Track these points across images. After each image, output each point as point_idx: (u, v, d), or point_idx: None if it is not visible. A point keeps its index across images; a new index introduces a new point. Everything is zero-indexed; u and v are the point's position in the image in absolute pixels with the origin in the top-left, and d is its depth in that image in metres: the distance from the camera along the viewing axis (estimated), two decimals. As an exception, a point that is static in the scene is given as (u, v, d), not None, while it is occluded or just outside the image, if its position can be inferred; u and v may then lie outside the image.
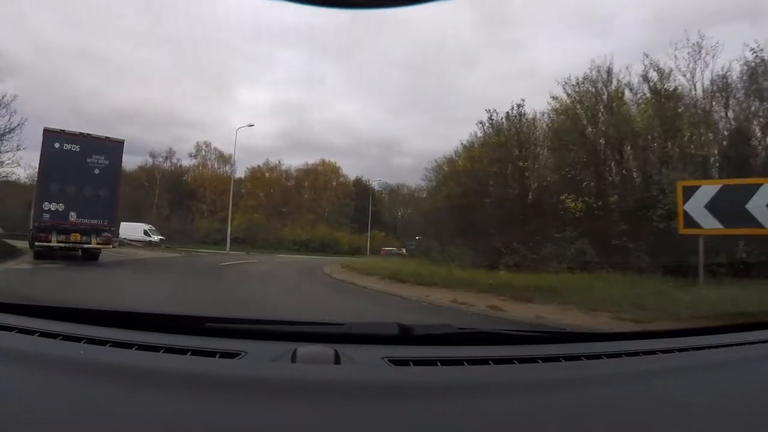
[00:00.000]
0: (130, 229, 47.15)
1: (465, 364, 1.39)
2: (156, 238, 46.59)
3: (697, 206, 10.48)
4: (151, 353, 1.34)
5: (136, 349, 1.36)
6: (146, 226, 46.75)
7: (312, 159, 70.41)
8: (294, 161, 68.98)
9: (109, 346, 1.37)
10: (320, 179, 70.51)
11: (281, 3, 0.87)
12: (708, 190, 10.59)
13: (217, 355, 1.35)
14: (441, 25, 61.41)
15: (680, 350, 1.64)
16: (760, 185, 10.06)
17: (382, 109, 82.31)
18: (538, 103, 36.53)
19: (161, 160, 66.10)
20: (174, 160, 66.15)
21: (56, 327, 1.48)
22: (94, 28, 72.93)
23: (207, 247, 48.17)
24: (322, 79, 77.21)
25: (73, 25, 68.10)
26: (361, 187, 72.72)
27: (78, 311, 1.65)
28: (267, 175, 69.36)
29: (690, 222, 10.60)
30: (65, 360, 1.28)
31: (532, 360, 1.44)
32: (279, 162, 70.69)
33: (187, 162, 68.62)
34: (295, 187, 70.96)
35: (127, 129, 68.07)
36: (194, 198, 65.79)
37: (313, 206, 67.79)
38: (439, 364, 1.38)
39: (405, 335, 1.55)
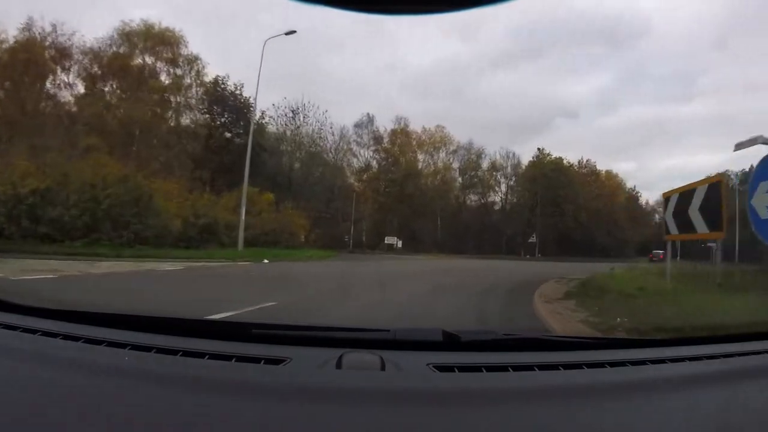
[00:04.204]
0: None
1: (510, 370, 1.45)
2: None
3: (668, 214, 11.99)
4: (196, 359, 1.42)
5: (181, 355, 1.44)
6: None
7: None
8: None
9: (154, 352, 1.45)
10: (123, 61, 35.21)
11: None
12: (673, 198, 11.95)
13: (262, 362, 1.41)
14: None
15: (726, 356, 1.70)
16: (695, 189, 10.83)
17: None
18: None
19: None
20: None
21: (101, 333, 1.58)
22: None
23: None
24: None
25: None
26: (225, 99, 38.38)
27: (122, 317, 1.75)
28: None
29: (667, 229, 12.23)
30: (110, 367, 1.35)
31: (577, 366, 1.49)
32: None
33: None
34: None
35: None
36: None
37: (98, 124, 31.95)
38: (484, 370, 1.43)
39: (450, 341, 1.61)
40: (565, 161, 55.48)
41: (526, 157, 55.84)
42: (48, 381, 1.29)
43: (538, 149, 55.74)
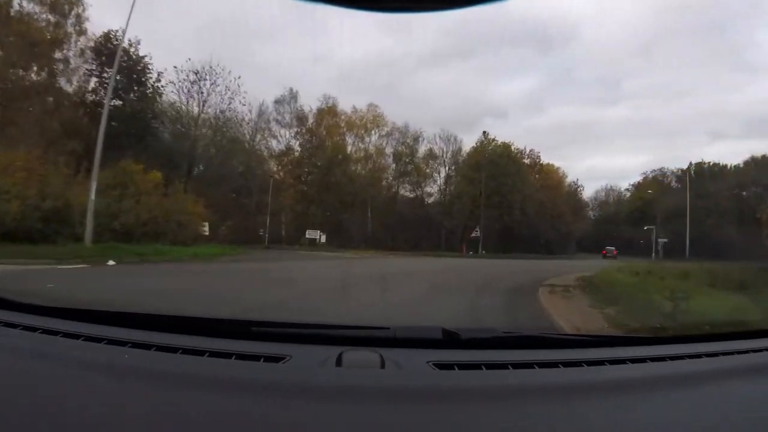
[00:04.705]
0: None
1: (510, 368, 1.47)
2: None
3: None
4: (196, 357, 1.44)
5: (181, 353, 1.46)
6: None
7: None
8: None
9: (154, 350, 1.48)
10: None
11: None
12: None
13: (262, 359, 1.44)
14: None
15: (725, 354, 1.73)
16: None
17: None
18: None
19: None
20: None
21: (100, 331, 1.60)
22: None
23: None
24: None
25: None
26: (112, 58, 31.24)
27: (122, 315, 1.80)
28: None
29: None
30: (110, 365, 1.38)
31: (576, 363, 1.51)
32: None
33: None
34: None
35: None
36: None
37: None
38: (484, 368, 1.46)
39: (450, 339, 1.62)
40: (513, 147, 50.60)
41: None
42: (48, 378, 1.29)
43: (484, 133, 50.43)
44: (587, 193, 64.04)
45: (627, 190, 65.92)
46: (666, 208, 52.76)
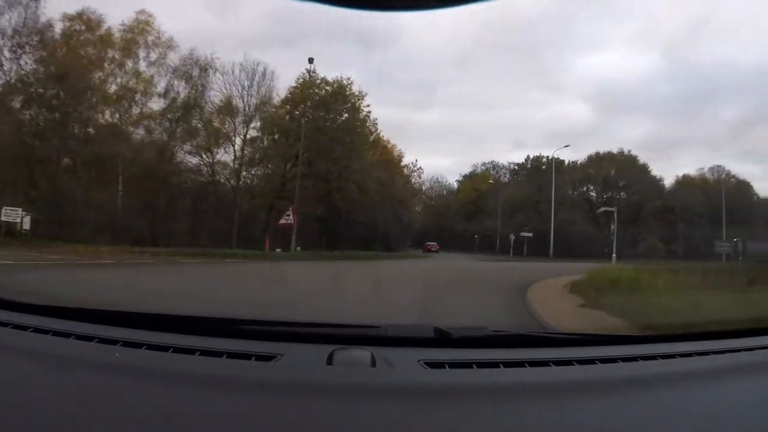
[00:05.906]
0: None
1: (501, 366, 1.48)
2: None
3: None
4: (187, 356, 1.44)
5: (172, 351, 1.46)
6: None
7: None
8: None
9: (145, 349, 1.47)
10: None
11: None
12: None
13: (253, 358, 1.43)
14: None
15: (717, 353, 1.74)
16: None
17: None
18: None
19: None
20: None
21: (91, 330, 1.59)
22: None
23: None
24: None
25: None
26: None
27: (113, 313, 1.80)
28: None
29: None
30: (101, 363, 1.38)
31: (567, 362, 1.52)
32: None
33: None
34: None
35: None
36: None
37: None
38: (475, 366, 1.47)
39: (441, 338, 1.63)
40: (356, 91, 34.98)
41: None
42: (38, 377, 1.30)
43: (309, 61, 33.43)
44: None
45: (458, 181, 62.91)
46: (507, 201, 49.47)
